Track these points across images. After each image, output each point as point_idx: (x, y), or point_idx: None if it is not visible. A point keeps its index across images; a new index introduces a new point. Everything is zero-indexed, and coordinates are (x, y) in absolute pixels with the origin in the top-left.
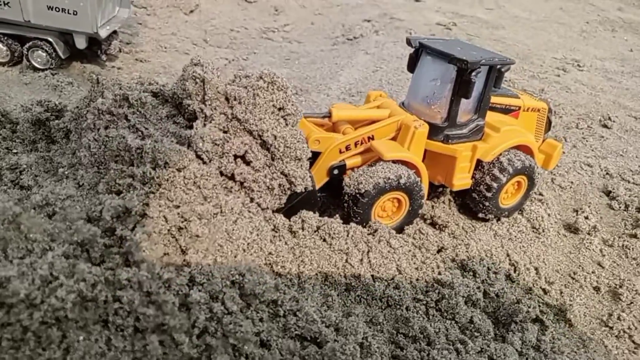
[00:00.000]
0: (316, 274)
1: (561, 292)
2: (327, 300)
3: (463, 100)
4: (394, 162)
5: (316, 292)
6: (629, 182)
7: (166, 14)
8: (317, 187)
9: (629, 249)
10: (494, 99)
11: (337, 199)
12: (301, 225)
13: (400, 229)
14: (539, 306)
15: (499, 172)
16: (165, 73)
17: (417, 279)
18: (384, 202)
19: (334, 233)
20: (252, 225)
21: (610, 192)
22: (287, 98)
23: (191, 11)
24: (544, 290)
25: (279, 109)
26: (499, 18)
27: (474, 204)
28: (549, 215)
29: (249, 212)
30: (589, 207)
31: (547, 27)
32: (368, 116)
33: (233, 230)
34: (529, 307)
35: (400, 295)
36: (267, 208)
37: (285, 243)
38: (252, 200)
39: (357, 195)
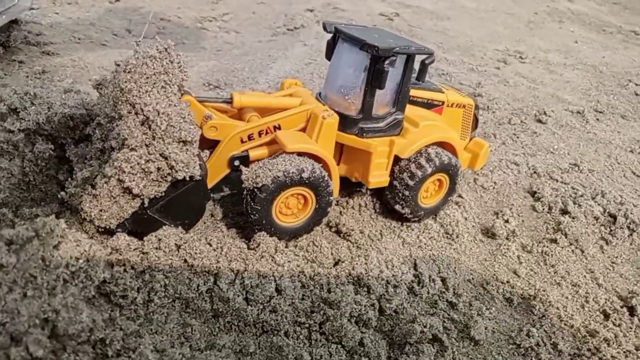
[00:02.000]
0: (172, 302)
1: (470, 305)
2: (185, 332)
3: (379, 92)
4: (298, 154)
5: (171, 322)
6: (557, 181)
7: (89, 2)
8: (217, 180)
9: (548, 256)
10: (415, 92)
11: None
12: (157, 245)
13: (308, 229)
14: (443, 322)
15: (425, 162)
16: (73, 67)
17: (302, 299)
18: (286, 197)
19: (197, 252)
20: (80, 250)
21: (535, 192)
22: (180, 73)
23: None
24: (450, 303)
25: (167, 84)
26: (446, 9)
27: (392, 196)
28: (465, 219)
29: (78, 232)
30: (510, 209)
31: (495, 17)
32: (276, 104)
33: (52, 257)
34: (425, 326)
35: (277, 320)
36: (141, 195)
37: (132, 267)
38: (121, 182)
39: (255, 189)
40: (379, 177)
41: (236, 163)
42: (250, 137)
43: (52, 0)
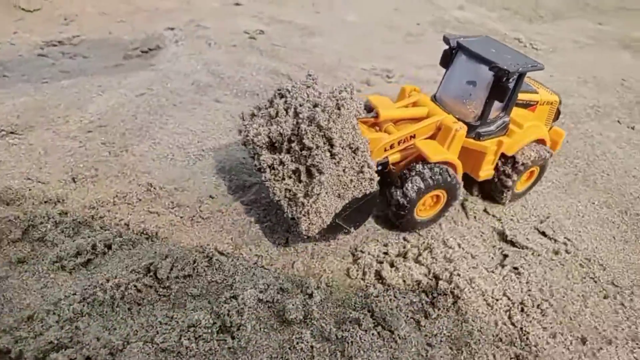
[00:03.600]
0: None
1: None
2: None
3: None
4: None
5: None
6: None
7: None
8: None
9: (349, 344)
10: (519, 96)
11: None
12: None
13: (436, 221)
14: None
15: (520, 163)
16: None
17: None
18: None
19: None
20: None
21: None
22: (358, 107)
23: None
24: None
25: (352, 119)
26: (322, 23)
27: (495, 191)
28: None
29: None
30: (315, 275)
31: (373, 32)
32: (409, 115)
33: None
34: None
35: None
36: (336, 209)
37: None
38: (324, 201)
39: (409, 192)
40: (487, 171)
41: (379, 168)
42: (392, 147)
43: None
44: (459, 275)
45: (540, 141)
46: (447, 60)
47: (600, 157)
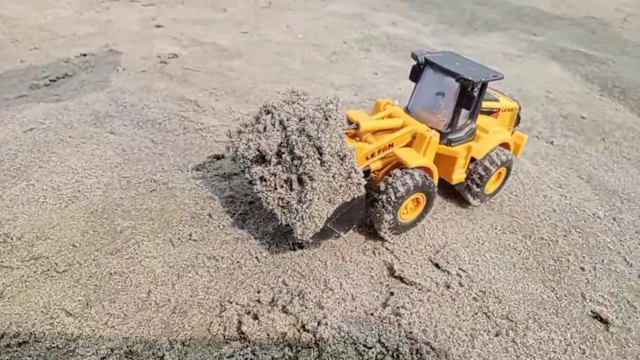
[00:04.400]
0: None
1: None
2: None
3: (464, 110)
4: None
5: None
6: None
7: None
8: None
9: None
10: (483, 104)
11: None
12: None
13: (416, 223)
14: None
15: (489, 164)
16: None
17: None
18: (407, 201)
19: None
20: None
21: None
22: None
23: None
24: None
25: (338, 129)
26: (245, 45)
27: (468, 193)
28: None
29: None
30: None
31: (297, 51)
32: (387, 125)
33: None
34: None
35: None
36: (328, 214)
37: None
38: (317, 207)
39: (392, 196)
40: (459, 174)
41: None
42: (372, 155)
43: None
44: (326, 324)
45: (505, 145)
46: (415, 74)
47: (511, 176)
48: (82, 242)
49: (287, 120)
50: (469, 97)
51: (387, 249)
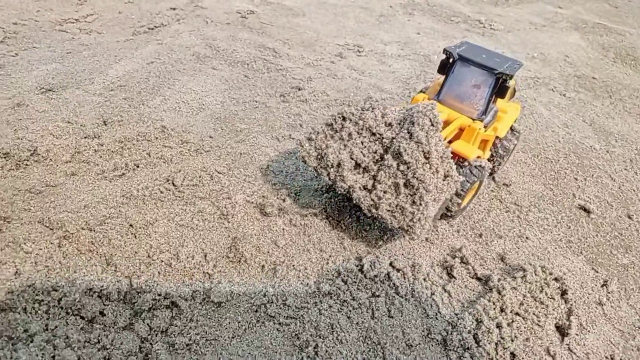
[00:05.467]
0: None
1: (225, 274)
2: None
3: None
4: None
5: None
6: None
7: None
8: None
9: (309, 227)
10: None
11: None
12: None
13: (467, 207)
14: (192, 292)
15: (506, 142)
16: None
17: (41, 281)
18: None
19: None
20: None
21: None
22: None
23: None
24: (207, 274)
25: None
26: (305, 5)
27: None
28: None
29: None
30: (286, 189)
31: (349, 12)
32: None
33: None
34: (165, 295)
35: (14, 299)
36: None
37: None
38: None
39: (468, 185)
40: (487, 154)
41: None
42: None
43: None
44: None
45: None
46: (444, 68)
47: (527, 116)
48: (215, 135)
49: (376, 127)
50: (504, 87)
51: None
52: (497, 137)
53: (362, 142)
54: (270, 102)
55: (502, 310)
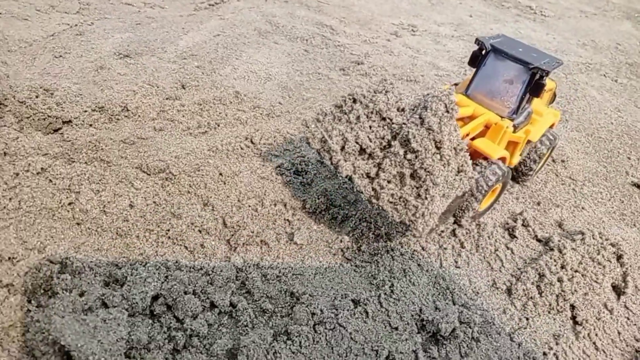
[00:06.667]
0: (39, 210)
1: (304, 222)
2: (49, 232)
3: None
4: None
5: (37, 225)
6: None
7: None
8: None
9: None
10: None
11: None
12: (27, 168)
13: (489, 210)
14: (276, 234)
15: (540, 146)
16: None
17: (151, 213)
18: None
19: (57, 175)
20: None
21: None
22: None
23: None
24: (288, 220)
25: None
26: None
27: (520, 176)
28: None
29: None
30: None
31: None
32: (460, 115)
33: None
34: (256, 234)
35: (129, 226)
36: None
37: (5, 183)
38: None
39: (483, 187)
40: (517, 157)
41: None
42: None
43: None
44: None
45: (551, 125)
46: (476, 60)
47: (580, 98)
48: (283, 102)
49: (387, 111)
50: (540, 85)
51: None
52: (529, 141)
53: (370, 127)
54: (332, 75)
55: (562, 267)
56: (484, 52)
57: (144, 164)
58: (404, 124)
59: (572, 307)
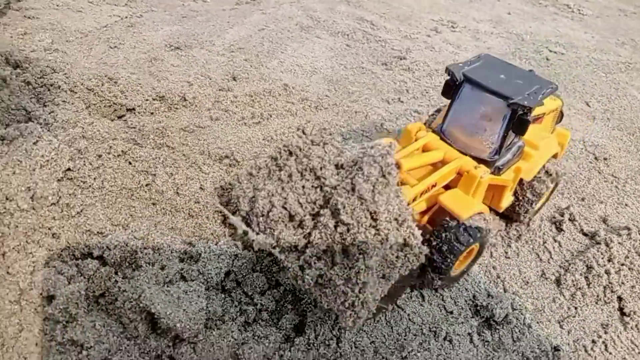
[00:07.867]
0: (120, 190)
1: None
2: (129, 210)
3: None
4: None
5: (119, 204)
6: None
7: None
8: None
9: None
10: None
11: None
12: (108, 150)
13: (466, 273)
14: None
15: (538, 184)
16: (51, 29)
17: (219, 197)
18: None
19: (137, 157)
20: (52, 147)
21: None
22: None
23: None
24: None
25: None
26: None
27: (515, 216)
28: None
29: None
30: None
31: None
32: (427, 161)
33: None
34: None
35: (200, 208)
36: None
37: (90, 163)
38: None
39: (452, 250)
40: (507, 199)
41: None
42: (414, 199)
43: None
44: None
45: (553, 155)
46: (449, 91)
47: (620, 97)
48: (330, 95)
49: (322, 169)
50: (523, 121)
51: None
52: (522, 180)
53: (302, 187)
54: (375, 69)
55: (609, 260)
56: (457, 82)
57: (206, 151)
58: (336, 187)
59: (620, 298)
